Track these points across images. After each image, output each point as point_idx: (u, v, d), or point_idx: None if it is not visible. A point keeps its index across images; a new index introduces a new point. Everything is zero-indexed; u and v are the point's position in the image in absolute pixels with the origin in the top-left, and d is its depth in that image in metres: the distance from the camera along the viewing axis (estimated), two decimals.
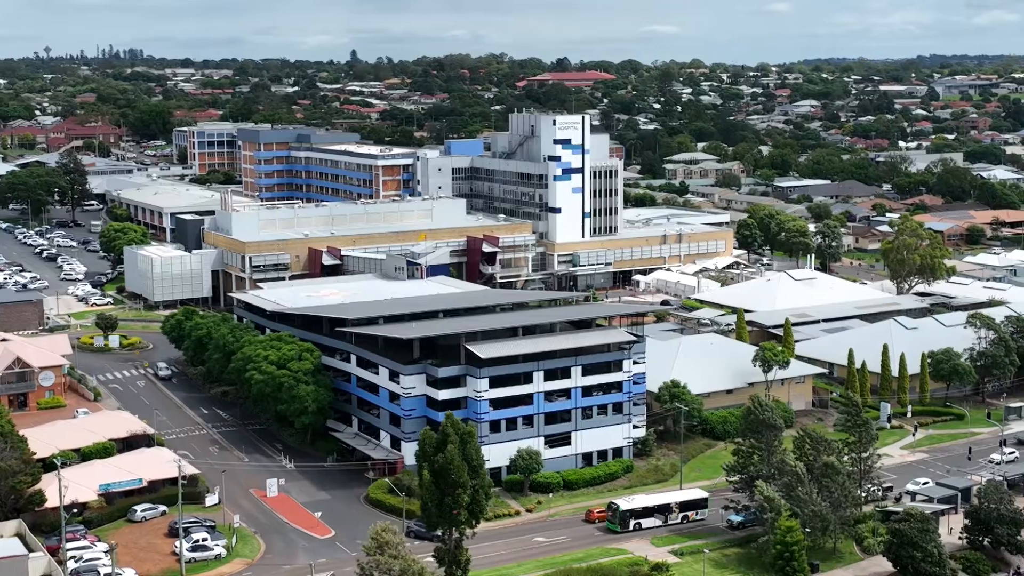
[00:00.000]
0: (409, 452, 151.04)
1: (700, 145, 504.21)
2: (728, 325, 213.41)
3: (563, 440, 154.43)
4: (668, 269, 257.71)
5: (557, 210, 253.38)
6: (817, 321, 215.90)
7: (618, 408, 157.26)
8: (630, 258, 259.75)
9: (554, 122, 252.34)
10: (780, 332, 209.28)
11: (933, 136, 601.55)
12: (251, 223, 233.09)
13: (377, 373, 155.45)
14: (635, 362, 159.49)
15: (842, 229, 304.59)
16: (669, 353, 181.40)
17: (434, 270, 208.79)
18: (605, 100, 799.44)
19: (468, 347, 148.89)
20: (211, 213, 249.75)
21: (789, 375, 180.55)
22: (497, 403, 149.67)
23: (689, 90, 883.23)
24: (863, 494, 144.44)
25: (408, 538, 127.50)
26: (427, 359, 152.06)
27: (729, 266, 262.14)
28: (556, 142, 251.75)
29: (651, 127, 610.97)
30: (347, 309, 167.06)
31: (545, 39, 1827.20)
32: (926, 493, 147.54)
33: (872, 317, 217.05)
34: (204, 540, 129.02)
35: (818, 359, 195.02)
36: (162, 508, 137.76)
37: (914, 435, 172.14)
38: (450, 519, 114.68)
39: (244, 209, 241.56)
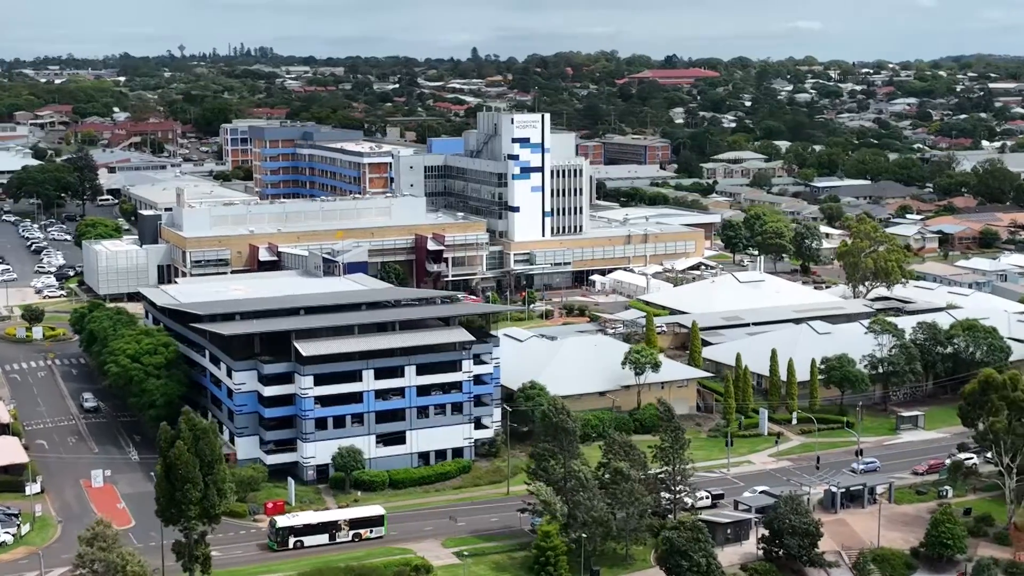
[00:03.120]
0: (242, 447, 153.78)
1: (757, 143, 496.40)
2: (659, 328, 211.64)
3: (397, 439, 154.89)
4: (629, 270, 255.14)
5: (516, 209, 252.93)
6: (747, 324, 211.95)
7: (458, 408, 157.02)
8: (591, 258, 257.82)
9: (512, 120, 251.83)
10: (702, 335, 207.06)
11: (1022, 135, 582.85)
12: (202, 219, 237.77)
13: (220, 368, 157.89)
14: (482, 361, 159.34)
15: (828, 231, 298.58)
16: (547, 354, 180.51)
17: (352, 268, 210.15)
18: (699, 97, 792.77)
19: (295, 344, 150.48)
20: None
21: (670, 378, 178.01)
22: (324, 400, 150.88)
23: (790, 88, 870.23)
24: (687, 501, 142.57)
25: None
26: (266, 355, 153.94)
27: (693, 267, 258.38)
28: (515, 140, 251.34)
29: (732, 125, 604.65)
30: (210, 306, 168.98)
31: (686, 35, 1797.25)
32: (747, 502, 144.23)
33: (813, 320, 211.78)
34: None
35: (725, 363, 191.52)
36: None
37: (776, 443, 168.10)
38: (181, 514, 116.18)
39: (198, 205, 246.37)
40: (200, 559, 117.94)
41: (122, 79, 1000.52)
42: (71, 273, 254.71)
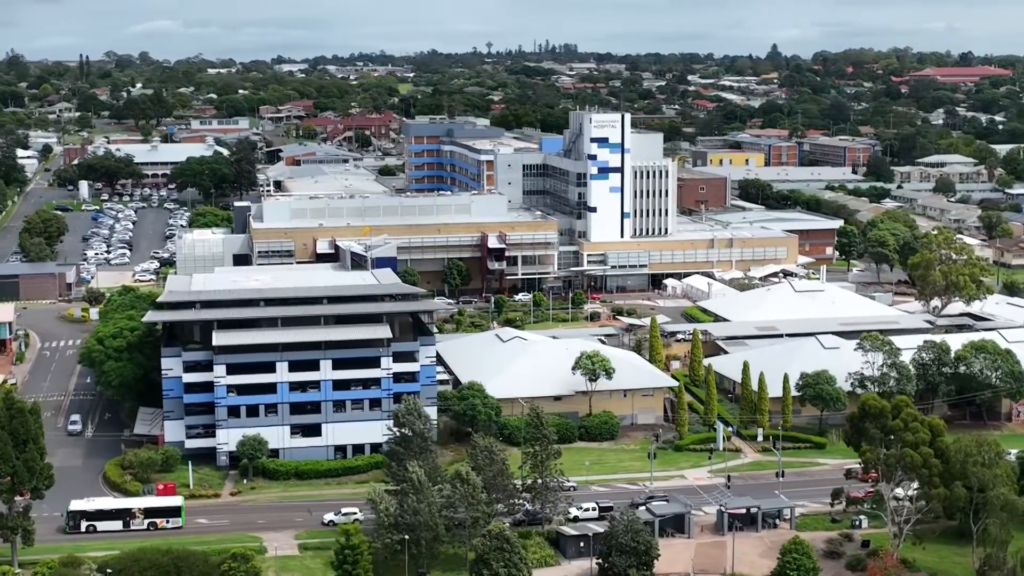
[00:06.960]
0: (169, 430, 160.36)
1: (977, 144, 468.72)
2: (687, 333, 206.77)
3: (313, 431, 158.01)
4: (709, 274, 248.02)
5: (593, 209, 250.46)
6: (779, 335, 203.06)
7: (376, 404, 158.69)
8: (671, 261, 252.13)
9: (590, 120, 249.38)
10: (724, 344, 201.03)
11: None
12: (282, 212, 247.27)
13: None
14: (411, 359, 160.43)
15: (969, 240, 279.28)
16: (508, 356, 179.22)
17: (380, 263, 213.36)
18: (975, 96, 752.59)
19: (213, 334, 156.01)
20: None
21: (634, 386, 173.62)
22: (238, 389, 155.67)
23: None
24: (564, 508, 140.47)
25: None
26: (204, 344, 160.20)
27: (773, 274, 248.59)
28: (593, 140, 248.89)
29: (1000, 127, 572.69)
30: (177, 294, 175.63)
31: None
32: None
33: (855, 335, 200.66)
34: None
35: (728, 376, 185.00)
36: None
37: (710, 458, 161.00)
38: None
39: (279, 199, 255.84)
40: (19, 531, 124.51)
41: (411, 75, 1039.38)
42: (174, 259, 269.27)
